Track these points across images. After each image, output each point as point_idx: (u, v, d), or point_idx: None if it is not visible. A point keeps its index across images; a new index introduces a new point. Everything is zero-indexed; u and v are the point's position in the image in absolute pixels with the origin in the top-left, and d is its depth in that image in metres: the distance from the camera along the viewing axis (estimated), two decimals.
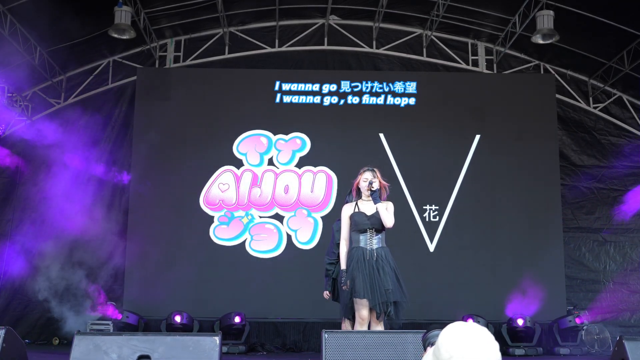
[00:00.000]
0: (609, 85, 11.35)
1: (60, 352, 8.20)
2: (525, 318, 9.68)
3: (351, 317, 5.52)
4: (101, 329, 9.47)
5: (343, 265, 5.40)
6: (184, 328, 9.41)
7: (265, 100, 10.95)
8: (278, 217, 10.61)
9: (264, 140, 10.86)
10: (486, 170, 10.84)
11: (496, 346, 2.01)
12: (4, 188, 10.96)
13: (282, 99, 10.98)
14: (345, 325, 5.79)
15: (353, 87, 11.02)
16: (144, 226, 10.36)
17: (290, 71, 11.28)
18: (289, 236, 10.54)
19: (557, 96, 11.35)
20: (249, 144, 10.85)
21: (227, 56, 11.50)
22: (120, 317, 9.60)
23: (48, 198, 10.42)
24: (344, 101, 11.00)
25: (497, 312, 10.08)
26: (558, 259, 10.58)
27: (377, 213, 5.30)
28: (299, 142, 10.86)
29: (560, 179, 10.98)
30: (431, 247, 10.60)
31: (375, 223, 5.30)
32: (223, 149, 10.77)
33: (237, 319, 9.48)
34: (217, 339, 4.18)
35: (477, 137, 10.92)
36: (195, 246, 10.43)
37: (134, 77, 11.13)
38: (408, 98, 11.02)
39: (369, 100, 10.99)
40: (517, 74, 11.59)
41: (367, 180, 5.36)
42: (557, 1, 9.60)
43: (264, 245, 10.51)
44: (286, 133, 10.89)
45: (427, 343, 3.16)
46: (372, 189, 5.32)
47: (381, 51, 11.57)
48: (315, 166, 10.79)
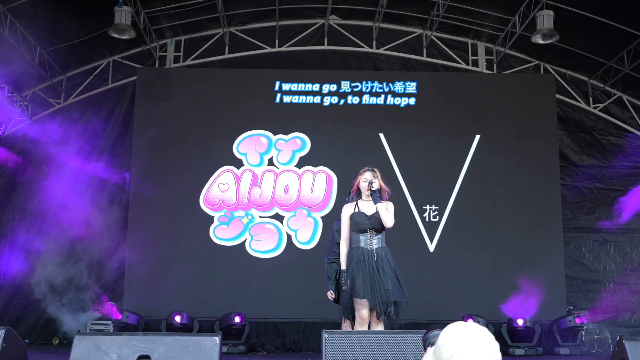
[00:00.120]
0: (609, 85, 11.35)
1: (60, 352, 8.20)
2: (525, 318, 9.68)
3: (351, 317, 5.51)
4: (101, 329, 9.47)
5: (343, 265, 5.41)
6: (184, 328, 9.41)
7: (265, 100, 10.95)
8: (278, 217, 10.61)
9: (264, 140, 10.86)
10: (486, 170, 10.84)
11: (496, 346, 2.01)
12: (4, 188, 10.97)
13: (282, 99, 10.98)
14: (345, 325, 5.79)
15: (353, 87, 11.02)
16: (144, 226, 10.36)
17: (290, 71, 11.28)
18: (289, 236, 10.54)
19: (557, 96, 11.35)
20: (249, 144, 10.85)
21: (227, 56, 11.51)
22: (120, 317, 9.60)
23: (48, 198, 10.43)
24: (344, 101, 11.00)
25: (497, 312, 10.08)
26: (558, 259, 10.58)
27: (377, 213, 5.30)
28: (299, 142, 10.87)
29: (560, 179, 10.99)
30: (431, 247, 10.60)
31: (375, 223, 5.30)
32: (223, 149, 10.77)
33: (237, 319, 9.48)
34: (217, 339, 4.18)
35: (477, 137, 10.93)
36: (195, 246, 10.43)
37: (134, 77, 11.14)
38: (408, 98, 11.02)
39: (369, 100, 10.99)
40: (517, 74, 11.59)
41: (367, 180, 5.36)
42: (557, 1, 9.60)
43: (264, 245, 10.52)
44: (286, 133, 10.89)
45: (427, 343, 3.16)
46: (372, 189, 5.32)
47: (381, 51, 11.57)
48: (315, 166, 10.79)
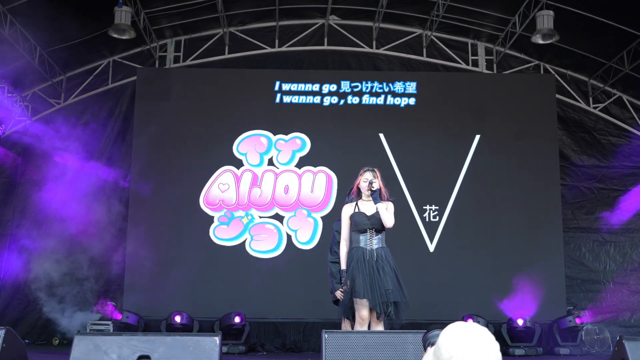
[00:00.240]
0: (609, 85, 11.35)
1: (60, 352, 8.20)
2: (525, 318, 9.69)
3: (351, 317, 5.51)
4: (101, 329, 9.47)
5: (343, 265, 5.41)
6: (184, 328, 9.41)
7: (265, 100, 10.95)
8: (278, 217, 10.61)
9: (264, 140, 10.86)
10: (486, 170, 10.84)
11: (496, 346, 2.01)
12: (4, 188, 10.97)
13: (282, 99, 10.98)
14: (345, 325, 5.79)
15: (353, 87, 11.02)
16: (144, 226, 10.35)
17: (290, 71, 11.28)
18: (289, 236, 10.54)
19: (557, 96, 11.35)
20: (249, 144, 10.85)
21: (227, 56, 11.50)
22: (120, 317, 9.59)
23: (48, 198, 10.42)
24: (344, 101, 10.99)
25: (497, 312, 10.08)
26: (558, 259, 10.58)
27: (377, 213, 5.30)
28: (299, 142, 10.86)
29: (560, 179, 10.99)
30: (431, 247, 10.60)
31: (375, 223, 5.30)
32: (223, 149, 10.77)
33: (237, 319, 9.48)
34: (217, 339, 4.18)
35: (477, 137, 10.93)
36: (195, 246, 10.42)
37: (134, 77, 11.14)
38: (408, 98, 11.02)
39: (369, 100, 10.99)
40: (517, 74, 11.59)
41: (368, 180, 5.36)
42: (557, 1, 9.60)
43: (264, 245, 10.51)
44: (286, 133, 10.89)
45: (427, 343, 3.16)
46: (373, 189, 5.32)
47: (381, 51, 11.57)
48: (315, 166, 10.79)
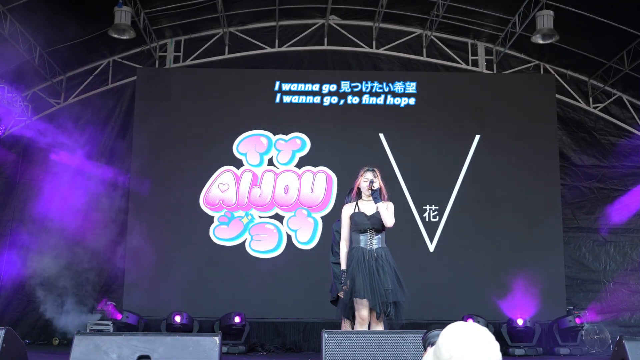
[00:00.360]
0: (609, 85, 11.35)
1: (60, 352, 8.20)
2: (525, 318, 9.69)
3: (351, 317, 5.51)
4: (101, 329, 9.47)
5: (343, 265, 5.41)
6: (184, 328, 9.41)
7: (265, 100, 10.95)
8: (278, 217, 10.61)
9: (264, 140, 10.86)
10: (486, 170, 10.84)
11: (496, 346, 2.01)
12: (4, 188, 10.96)
13: (282, 99, 10.98)
14: (345, 325, 5.79)
15: (353, 87, 11.02)
16: (144, 226, 10.34)
17: (290, 71, 11.28)
18: (289, 236, 10.54)
19: (557, 96, 11.35)
20: (249, 144, 10.85)
21: (227, 56, 11.50)
22: (120, 317, 9.59)
23: (48, 198, 10.43)
24: (344, 101, 10.99)
25: (497, 312, 10.08)
26: (558, 259, 10.58)
27: (377, 213, 5.30)
28: (299, 142, 10.86)
29: (560, 179, 10.99)
30: (431, 247, 10.60)
31: (375, 223, 5.30)
32: (223, 149, 10.77)
33: (237, 319, 9.48)
34: (217, 339, 4.18)
35: (477, 137, 10.93)
36: (195, 246, 10.42)
37: (134, 77, 11.14)
38: (408, 98, 11.02)
39: (369, 100, 10.99)
40: (517, 74, 11.59)
41: (368, 180, 5.36)
42: (557, 1, 9.60)
43: (264, 245, 10.51)
44: (286, 133, 10.89)
45: (427, 343, 3.16)
46: (373, 188, 5.32)
47: (381, 51, 11.57)
48: (315, 166, 10.79)
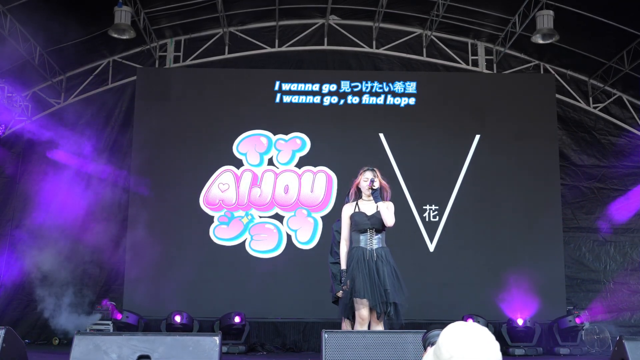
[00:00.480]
0: (609, 85, 11.35)
1: (60, 352, 8.20)
2: (525, 318, 9.68)
3: (351, 317, 5.51)
4: (101, 329, 9.47)
5: (343, 265, 5.41)
6: (184, 328, 9.41)
7: (265, 100, 10.94)
8: (278, 217, 10.61)
9: (264, 140, 10.86)
10: (486, 170, 10.84)
11: (497, 346, 2.01)
12: (4, 188, 10.96)
13: (282, 99, 10.97)
14: (345, 325, 5.79)
15: (353, 87, 11.02)
16: (144, 226, 10.34)
17: (290, 71, 11.28)
18: (289, 236, 10.54)
19: (557, 96, 11.35)
20: (249, 144, 10.84)
21: (227, 56, 11.50)
22: (120, 317, 9.59)
23: (48, 198, 10.43)
24: (344, 101, 10.99)
25: (497, 312, 10.08)
26: (558, 259, 10.58)
27: (378, 213, 5.30)
28: (299, 142, 10.86)
29: (560, 179, 10.99)
30: (431, 247, 10.60)
31: (375, 223, 5.30)
32: (223, 149, 10.77)
33: (237, 319, 9.47)
34: (217, 339, 4.18)
35: (477, 137, 10.92)
36: (195, 246, 10.42)
37: (134, 77, 11.13)
38: (408, 98, 11.02)
39: (369, 100, 10.99)
40: (517, 74, 11.59)
41: (368, 179, 5.36)
42: (557, 1, 9.59)
43: (264, 245, 10.51)
44: (286, 133, 10.89)
45: (428, 343, 3.16)
46: (373, 188, 5.32)
47: (381, 51, 11.57)
48: (315, 166, 10.78)
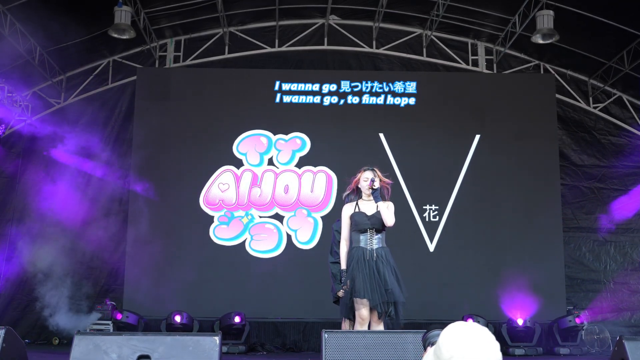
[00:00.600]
0: (609, 85, 11.35)
1: (60, 352, 8.20)
2: (525, 318, 9.68)
3: (351, 317, 5.51)
4: (101, 329, 9.47)
5: (343, 265, 5.41)
6: (184, 328, 9.40)
7: (265, 100, 10.95)
8: (278, 217, 10.61)
9: (264, 140, 10.86)
10: (486, 170, 10.84)
11: (497, 346, 2.01)
12: (4, 188, 10.96)
13: (282, 99, 10.98)
14: (345, 325, 5.79)
15: (353, 87, 11.02)
16: (144, 226, 10.34)
17: (290, 71, 11.28)
18: (289, 236, 10.54)
19: (557, 96, 11.35)
20: (249, 144, 10.84)
21: (227, 56, 11.50)
22: (120, 317, 9.58)
23: (48, 198, 10.43)
24: (344, 101, 10.99)
25: (497, 312, 10.08)
26: (558, 259, 10.58)
27: (378, 213, 5.30)
28: (299, 142, 10.86)
29: (560, 179, 10.99)
30: (431, 247, 10.60)
31: (375, 223, 5.30)
32: (223, 149, 10.77)
33: (237, 319, 9.47)
34: (217, 339, 4.18)
35: (477, 137, 10.93)
36: (195, 246, 10.42)
37: (134, 77, 11.14)
38: (408, 98, 11.02)
39: (369, 100, 10.99)
40: (517, 74, 11.59)
41: (368, 179, 5.35)
42: (557, 1, 9.59)
43: (264, 245, 10.51)
44: (286, 133, 10.89)
45: (428, 343, 3.16)
46: (374, 188, 5.32)
47: (381, 51, 11.57)
48: (315, 166, 10.78)
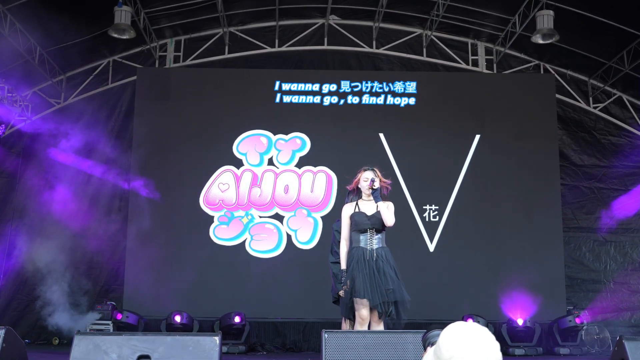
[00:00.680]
0: (609, 85, 11.35)
1: (60, 352, 8.20)
2: (525, 318, 9.68)
3: (351, 317, 5.51)
4: (101, 329, 9.46)
5: (343, 265, 5.41)
6: (184, 328, 9.40)
7: (265, 100, 10.95)
8: (278, 217, 10.61)
9: (264, 140, 10.86)
10: (486, 170, 10.84)
11: (497, 346, 2.01)
12: (4, 188, 10.96)
13: (282, 99, 10.97)
14: (345, 325, 5.80)
15: (353, 87, 11.02)
16: (144, 226, 10.34)
17: (290, 71, 11.28)
18: (289, 236, 10.54)
19: (557, 96, 11.35)
20: (249, 144, 10.84)
21: (227, 56, 11.50)
22: (120, 317, 9.59)
23: (48, 198, 10.43)
24: (344, 101, 10.99)
25: (497, 312, 10.08)
26: (558, 259, 10.58)
27: (378, 213, 5.30)
28: (299, 142, 10.86)
29: (560, 179, 10.99)
30: (431, 247, 10.60)
31: (375, 223, 5.30)
32: (223, 149, 10.77)
33: (237, 319, 9.47)
34: (217, 339, 4.18)
35: (477, 137, 10.93)
36: (195, 246, 10.42)
37: (134, 77, 11.14)
38: (408, 98, 11.02)
39: (369, 100, 10.99)
40: (517, 74, 11.59)
41: (368, 179, 5.36)
42: (557, 1, 9.60)
43: (264, 245, 10.51)
44: (286, 133, 10.89)
45: (428, 343, 3.16)
46: (374, 188, 5.32)
47: (381, 51, 11.57)
48: (315, 166, 10.78)
